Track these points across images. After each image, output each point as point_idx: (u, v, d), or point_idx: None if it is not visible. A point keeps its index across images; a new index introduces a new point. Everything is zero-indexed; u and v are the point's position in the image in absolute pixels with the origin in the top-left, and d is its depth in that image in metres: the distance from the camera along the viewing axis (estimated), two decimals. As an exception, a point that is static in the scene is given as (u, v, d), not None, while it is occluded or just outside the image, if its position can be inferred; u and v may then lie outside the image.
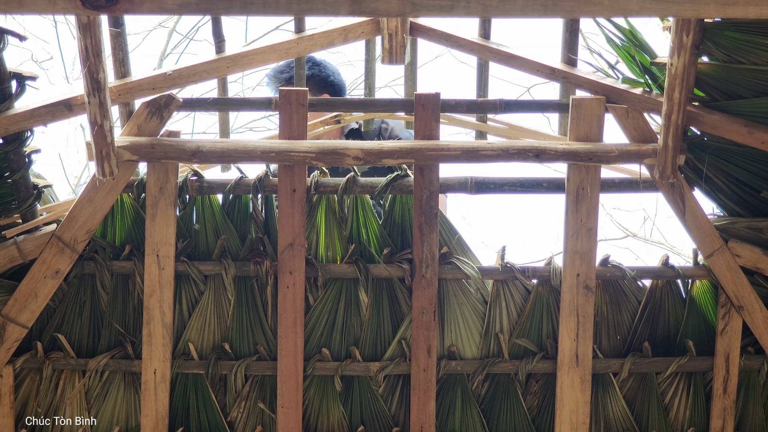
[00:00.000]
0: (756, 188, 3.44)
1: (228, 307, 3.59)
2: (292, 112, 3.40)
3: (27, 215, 3.49)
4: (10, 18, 3.22)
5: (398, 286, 3.59)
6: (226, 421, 3.64)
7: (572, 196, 3.44)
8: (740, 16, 2.57)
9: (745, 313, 3.53)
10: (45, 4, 2.58)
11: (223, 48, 3.44)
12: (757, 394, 3.68)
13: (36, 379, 3.62)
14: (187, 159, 3.37)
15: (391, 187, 3.48)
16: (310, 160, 3.35)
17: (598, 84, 3.41)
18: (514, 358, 3.62)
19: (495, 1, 2.53)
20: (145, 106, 3.37)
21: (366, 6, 2.53)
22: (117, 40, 3.33)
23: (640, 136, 3.39)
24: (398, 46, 3.40)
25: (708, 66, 3.25)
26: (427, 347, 3.54)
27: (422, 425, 3.57)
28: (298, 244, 3.47)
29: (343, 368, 3.60)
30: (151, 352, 3.53)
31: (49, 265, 3.47)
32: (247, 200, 3.55)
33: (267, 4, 2.55)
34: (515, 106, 3.59)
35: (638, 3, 2.53)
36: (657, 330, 3.65)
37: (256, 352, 3.61)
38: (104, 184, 3.41)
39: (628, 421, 3.66)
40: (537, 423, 3.67)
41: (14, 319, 3.49)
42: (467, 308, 3.61)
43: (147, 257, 3.48)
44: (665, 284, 3.62)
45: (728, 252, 3.49)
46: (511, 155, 3.38)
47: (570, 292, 3.50)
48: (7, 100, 3.27)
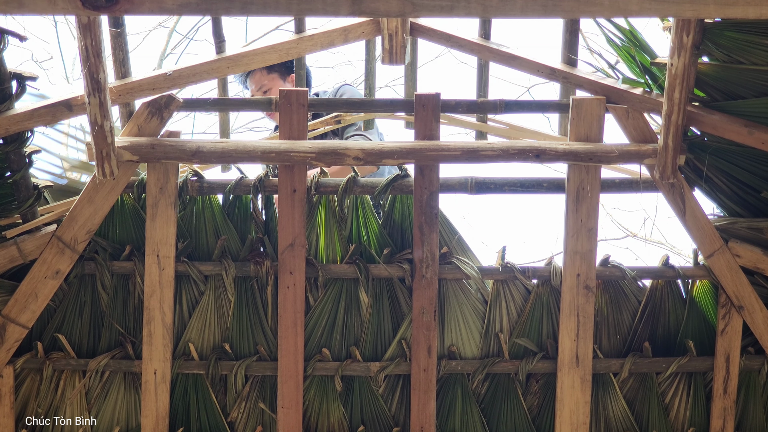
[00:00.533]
0: (756, 188, 3.44)
1: (228, 307, 3.59)
2: (292, 113, 3.40)
3: (27, 215, 3.49)
4: (10, 18, 3.22)
5: (398, 286, 3.59)
6: (226, 422, 3.64)
7: (572, 196, 3.44)
8: (740, 17, 2.57)
9: (745, 313, 3.53)
10: (45, 4, 2.58)
11: (223, 48, 3.45)
12: (757, 394, 3.68)
13: (36, 379, 3.62)
14: (187, 159, 3.37)
15: (391, 187, 3.49)
16: (310, 160, 3.36)
17: (598, 84, 3.41)
18: (514, 357, 3.62)
19: (495, 2, 2.53)
20: (145, 107, 3.37)
21: (366, 6, 2.53)
22: (117, 40, 3.33)
23: (640, 136, 3.39)
24: (398, 46, 3.40)
25: (708, 66, 3.25)
26: (427, 347, 3.54)
27: (422, 425, 3.57)
28: (298, 244, 3.47)
29: (344, 368, 3.60)
30: (151, 352, 3.53)
31: (50, 266, 3.47)
32: (247, 200, 3.55)
33: (267, 4, 2.56)
34: (515, 107, 3.60)
35: (638, 3, 2.53)
36: (657, 330, 3.65)
37: (256, 353, 3.61)
38: (104, 185, 3.41)
39: (628, 421, 3.66)
40: (537, 423, 3.67)
41: (14, 319, 3.49)
42: (467, 308, 3.61)
43: (147, 257, 3.48)
44: (665, 284, 3.62)
45: (728, 252, 3.49)
46: (511, 155, 3.38)
47: (570, 292, 3.50)
48: (7, 100, 3.27)
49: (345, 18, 2.97)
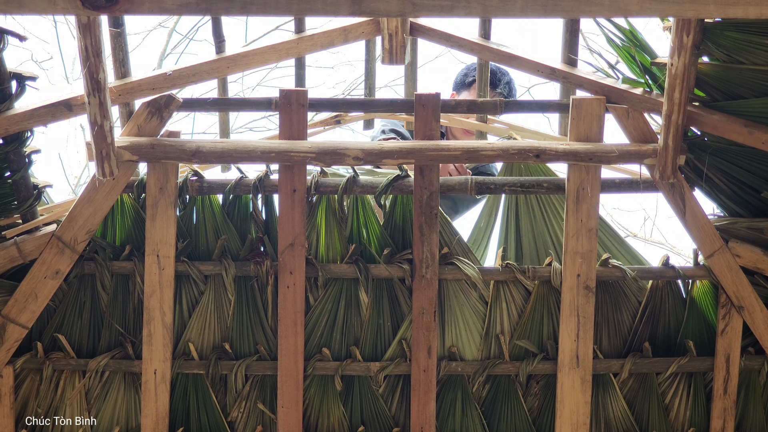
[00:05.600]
0: (756, 188, 3.44)
1: (228, 307, 3.59)
2: (292, 112, 3.40)
3: (27, 215, 3.48)
4: (10, 18, 3.22)
5: (398, 286, 3.59)
6: (226, 421, 3.64)
7: (572, 197, 3.44)
8: (740, 16, 2.57)
9: (745, 313, 3.53)
10: (45, 4, 2.58)
11: (223, 48, 3.44)
12: (758, 395, 3.67)
13: (36, 379, 3.62)
14: (187, 159, 3.37)
15: (391, 187, 3.48)
16: (310, 160, 3.35)
17: (598, 84, 3.41)
18: (514, 359, 3.62)
19: (495, 2, 2.53)
20: (145, 107, 3.37)
21: (366, 6, 2.53)
22: (117, 40, 3.33)
23: (640, 136, 3.39)
24: (398, 46, 3.40)
25: (708, 66, 3.25)
26: (427, 348, 3.54)
27: (422, 426, 3.57)
28: (298, 244, 3.47)
29: (344, 368, 3.60)
30: (151, 352, 3.52)
31: (49, 266, 3.47)
32: (248, 200, 3.55)
33: (267, 4, 2.56)
34: (515, 106, 3.60)
35: (638, 3, 2.53)
36: (657, 330, 3.65)
37: (256, 352, 3.61)
38: (104, 185, 3.41)
39: (628, 422, 3.66)
40: (537, 424, 3.67)
41: (14, 319, 3.49)
42: (468, 309, 3.61)
43: (147, 257, 3.48)
44: (665, 285, 3.61)
45: (728, 252, 3.49)
46: (511, 155, 3.38)
47: (570, 292, 3.50)
48: (7, 100, 3.27)
49: (345, 18, 2.97)
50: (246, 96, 7.43)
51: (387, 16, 2.79)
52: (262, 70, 8.41)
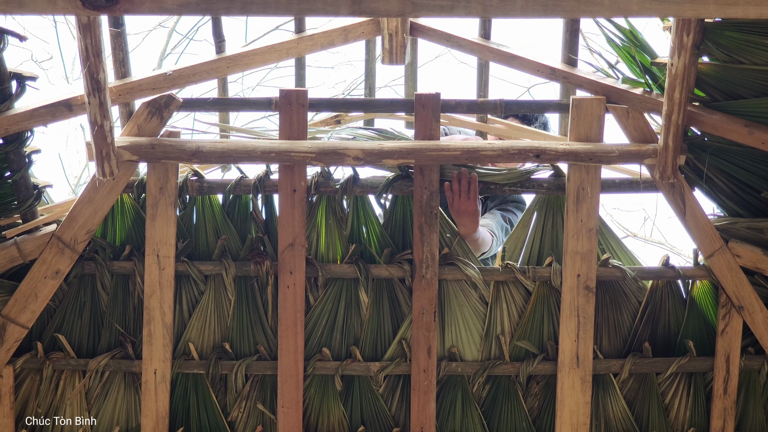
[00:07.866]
0: (756, 188, 3.44)
1: (228, 307, 3.59)
2: (292, 112, 3.40)
3: (27, 215, 3.49)
4: (10, 18, 3.22)
5: (398, 286, 3.59)
6: (226, 421, 3.64)
7: (572, 197, 3.44)
8: (740, 16, 2.57)
9: (745, 313, 3.53)
10: (45, 4, 2.58)
11: (223, 48, 3.44)
12: (758, 395, 3.67)
13: (36, 379, 3.62)
14: (187, 159, 3.37)
15: (391, 187, 3.48)
16: (310, 160, 3.35)
17: (598, 84, 3.41)
18: (514, 359, 3.62)
19: (495, 1, 2.53)
20: (145, 107, 3.37)
21: (366, 6, 2.53)
22: (117, 40, 3.33)
23: (640, 136, 3.39)
24: (398, 46, 3.40)
25: (708, 66, 3.25)
26: (427, 348, 3.54)
27: (422, 426, 3.57)
28: (298, 244, 3.47)
29: (344, 368, 3.60)
30: (151, 352, 3.52)
31: (49, 266, 3.47)
32: (248, 200, 3.55)
33: (267, 4, 2.55)
34: (515, 107, 3.59)
35: (638, 3, 2.53)
36: (657, 330, 3.65)
37: (256, 352, 3.61)
38: (104, 185, 3.41)
39: (628, 422, 3.66)
40: (538, 424, 3.67)
41: (14, 319, 3.49)
42: (468, 309, 3.61)
43: (147, 257, 3.48)
44: (666, 285, 3.61)
45: (728, 252, 3.49)
46: (512, 155, 3.38)
47: (570, 292, 3.50)
48: (7, 100, 3.27)
49: (345, 18, 2.97)
50: (246, 96, 7.42)
51: (387, 16, 2.79)
52: (262, 70, 8.39)
